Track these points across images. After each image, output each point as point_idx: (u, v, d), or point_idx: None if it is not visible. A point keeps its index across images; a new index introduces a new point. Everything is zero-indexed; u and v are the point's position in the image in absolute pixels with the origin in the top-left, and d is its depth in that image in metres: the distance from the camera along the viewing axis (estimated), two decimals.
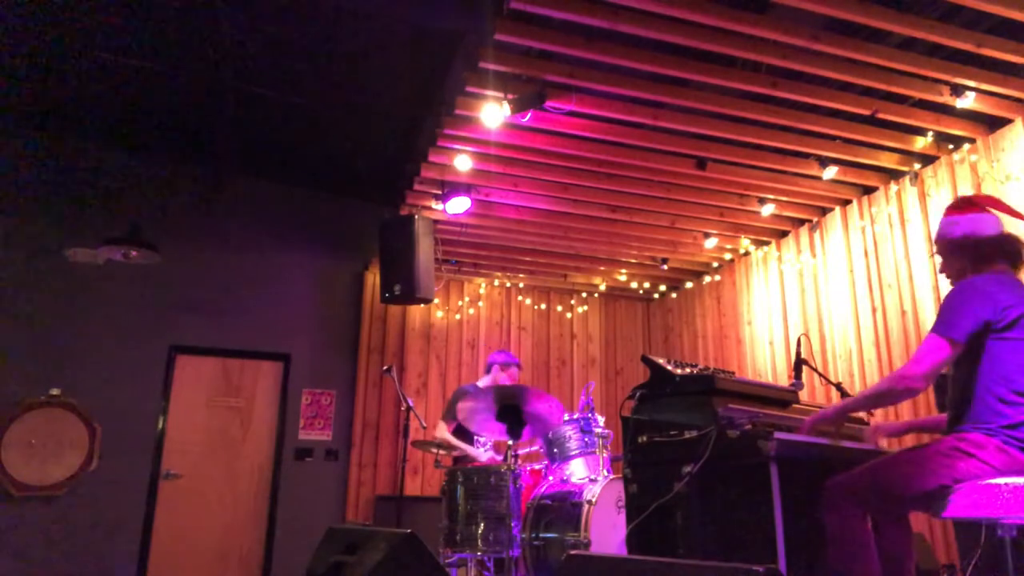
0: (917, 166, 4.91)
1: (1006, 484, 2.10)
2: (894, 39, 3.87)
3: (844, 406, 2.46)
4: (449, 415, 5.04)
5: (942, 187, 4.72)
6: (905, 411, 4.63)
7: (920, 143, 4.69)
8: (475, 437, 4.92)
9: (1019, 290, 2.33)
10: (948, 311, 2.30)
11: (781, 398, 2.99)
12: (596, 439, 4.34)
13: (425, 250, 5.32)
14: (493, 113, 4.09)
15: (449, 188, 5.15)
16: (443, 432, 4.97)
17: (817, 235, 5.73)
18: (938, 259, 2.60)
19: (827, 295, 5.50)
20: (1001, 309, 2.26)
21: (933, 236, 2.60)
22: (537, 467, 4.68)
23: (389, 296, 5.40)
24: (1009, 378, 2.24)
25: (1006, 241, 2.43)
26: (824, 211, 5.68)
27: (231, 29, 4.48)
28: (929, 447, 2.31)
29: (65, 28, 4.59)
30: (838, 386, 3.44)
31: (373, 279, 6.69)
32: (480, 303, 7.21)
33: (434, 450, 4.64)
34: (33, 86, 5.30)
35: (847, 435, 2.76)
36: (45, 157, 5.93)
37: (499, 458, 4.71)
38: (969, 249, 2.44)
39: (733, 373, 3.20)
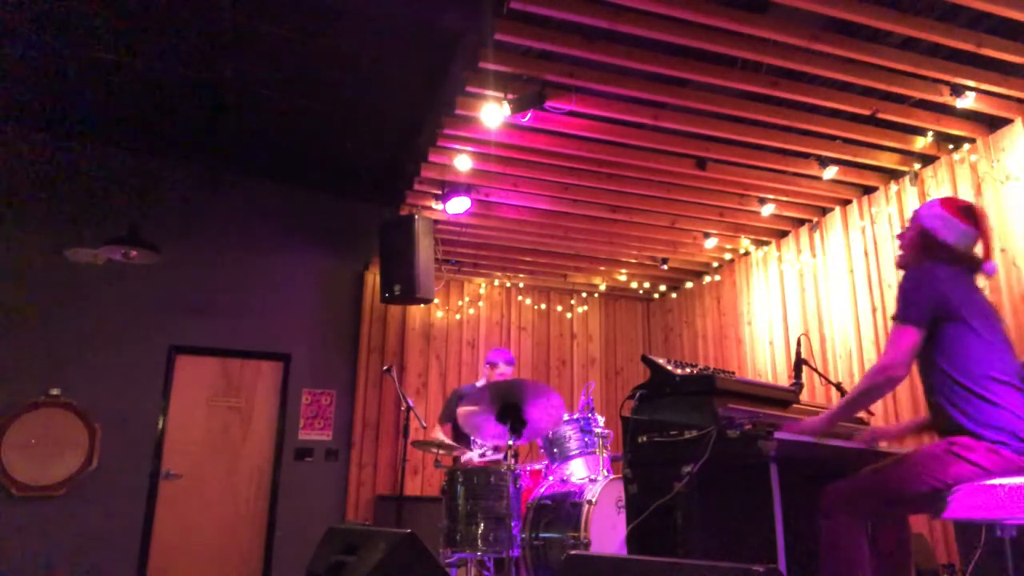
0: (917, 166, 4.91)
1: (1002, 485, 2.10)
2: (894, 39, 3.86)
3: (832, 416, 2.47)
4: (444, 416, 5.04)
5: (942, 187, 4.72)
6: (905, 408, 4.63)
7: (920, 143, 4.69)
8: (471, 440, 4.91)
9: (967, 284, 2.44)
10: (904, 298, 2.40)
11: (781, 398, 3.00)
12: (596, 439, 4.33)
13: (425, 250, 5.32)
14: (493, 113, 4.09)
15: (449, 188, 5.15)
16: (438, 433, 4.98)
17: (817, 235, 5.73)
18: (896, 244, 2.66)
19: (827, 295, 5.50)
20: (950, 295, 2.34)
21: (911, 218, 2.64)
22: (537, 467, 4.68)
23: (389, 296, 5.40)
24: (968, 368, 2.29)
25: (966, 253, 2.50)
26: (824, 211, 5.68)
27: (231, 29, 4.48)
28: (923, 451, 2.32)
29: (65, 28, 4.59)
30: (838, 386, 3.45)
31: (373, 279, 6.69)
32: (480, 303, 7.21)
33: (434, 450, 4.64)
34: (33, 86, 5.30)
35: (848, 435, 2.76)
36: (45, 157, 5.93)
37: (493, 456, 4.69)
38: (933, 248, 2.51)
39: (733, 373, 3.20)
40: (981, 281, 2.57)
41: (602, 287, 7.54)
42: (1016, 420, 2.22)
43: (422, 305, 6.66)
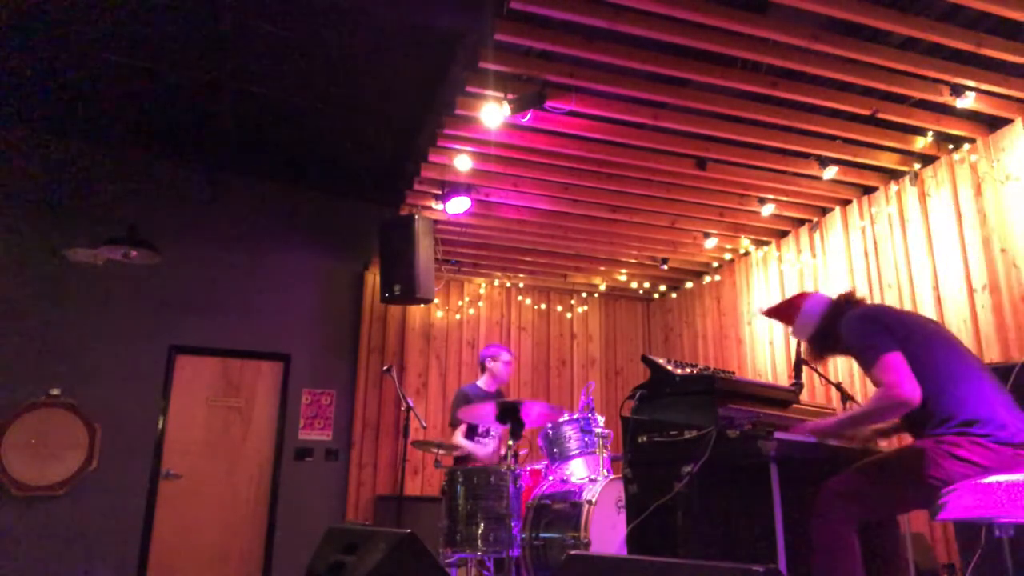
0: (917, 166, 4.91)
1: (999, 483, 2.11)
2: (894, 39, 3.87)
3: (840, 424, 2.48)
4: (455, 420, 5.02)
5: (942, 187, 4.72)
6: None
7: (920, 143, 4.69)
8: (478, 435, 4.93)
9: (880, 307, 2.66)
10: (863, 340, 2.50)
11: (781, 398, 3.00)
12: (596, 439, 4.33)
13: (425, 250, 5.32)
14: (493, 113, 4.09)
15: (449, 188, 5.15)
16: (459, 438, 4.93)
17: (817, 235, 5.72)
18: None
19: None
20: (885, 320, 2.53)
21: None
22: (537, 467, 4.68)
23: (389, 296, 5.40)
24: (932, 375, 2.35)
25: (839, 304, 2.75)
26: (824, 211, 5.68)
27: (231, 29, 4.48)
28: (912, 448, 2.33)
29: (66, 29, 4.59)
30: (838, 386, 3.44)
31: (373, 279, 6.68)
32: (480, 303, 7.21)
33: (434, 450, 4.64)
34: (33, 86, 5.30)
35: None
36: (45, 157, 5.93)
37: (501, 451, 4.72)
38: (826, 327, 2.73)
39: (733, 373, 3.20)
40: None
41: (602, 287, 7.54)
42: (991, 409, 2.24)
43: (422, 305, 6.66)
